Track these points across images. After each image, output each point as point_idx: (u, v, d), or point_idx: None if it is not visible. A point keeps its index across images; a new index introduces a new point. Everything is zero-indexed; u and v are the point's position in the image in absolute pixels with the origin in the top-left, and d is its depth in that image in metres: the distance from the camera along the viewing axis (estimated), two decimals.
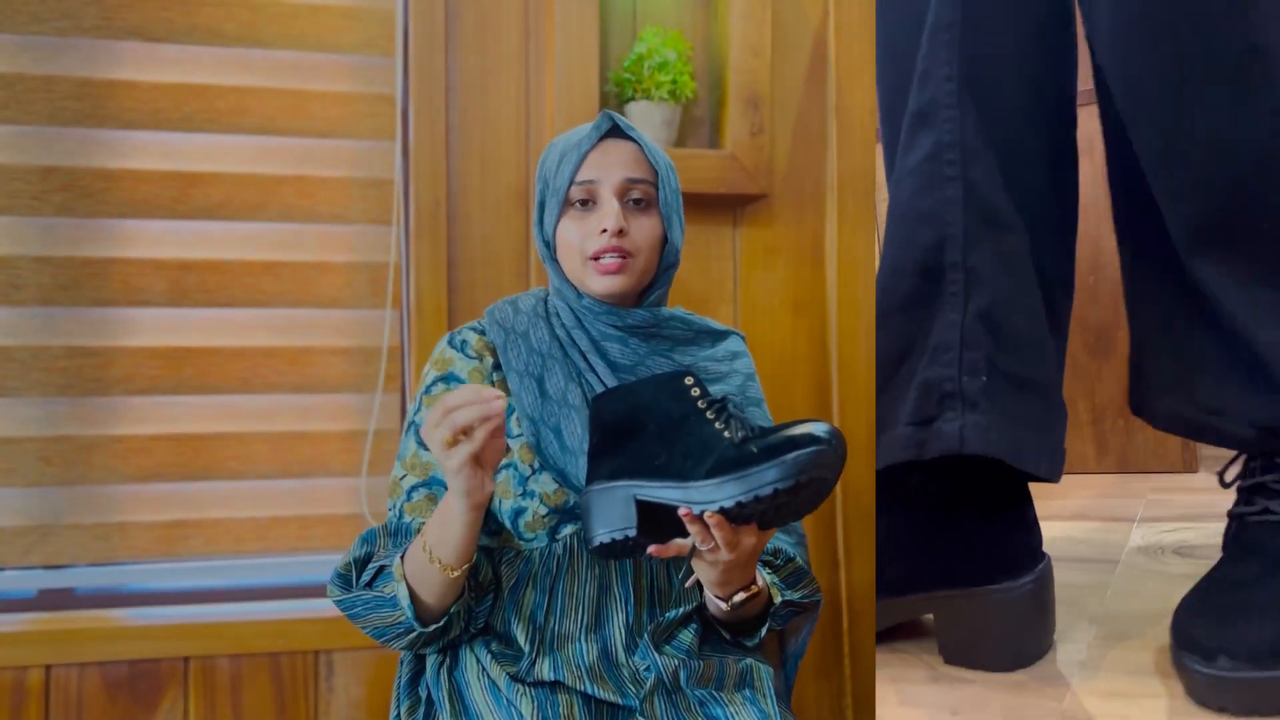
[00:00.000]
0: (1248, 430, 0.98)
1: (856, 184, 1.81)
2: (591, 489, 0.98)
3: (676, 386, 0.99)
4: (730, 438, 0.94)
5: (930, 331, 1.07)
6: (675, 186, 1.16)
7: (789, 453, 0.90)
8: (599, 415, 1.01)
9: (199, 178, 1.60)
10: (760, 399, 1.23)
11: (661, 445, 0.96)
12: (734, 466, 0.91)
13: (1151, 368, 1.06)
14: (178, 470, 1.59)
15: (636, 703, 1.05)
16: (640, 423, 0.98)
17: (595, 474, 0.99)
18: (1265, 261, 0.93)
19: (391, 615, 1.04)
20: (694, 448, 0.95)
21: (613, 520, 0.96)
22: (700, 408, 0.97)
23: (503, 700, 1.06)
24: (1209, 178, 0.91)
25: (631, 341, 1.14)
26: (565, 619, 1.10)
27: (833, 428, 0.94)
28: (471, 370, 1.14)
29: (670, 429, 0.97)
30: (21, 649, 1.49)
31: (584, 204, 1.13)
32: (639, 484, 0.95)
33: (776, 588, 1.13)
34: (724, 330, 1.23)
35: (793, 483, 0.90)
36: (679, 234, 1.17)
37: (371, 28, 1.67)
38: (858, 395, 1.81)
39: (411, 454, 1.12)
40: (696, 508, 0.92)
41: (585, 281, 1.13)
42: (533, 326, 1.15)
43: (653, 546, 0.96)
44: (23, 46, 1.55)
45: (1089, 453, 1.82)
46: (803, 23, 1.80)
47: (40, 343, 1.55)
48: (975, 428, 1.02)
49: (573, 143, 1.14)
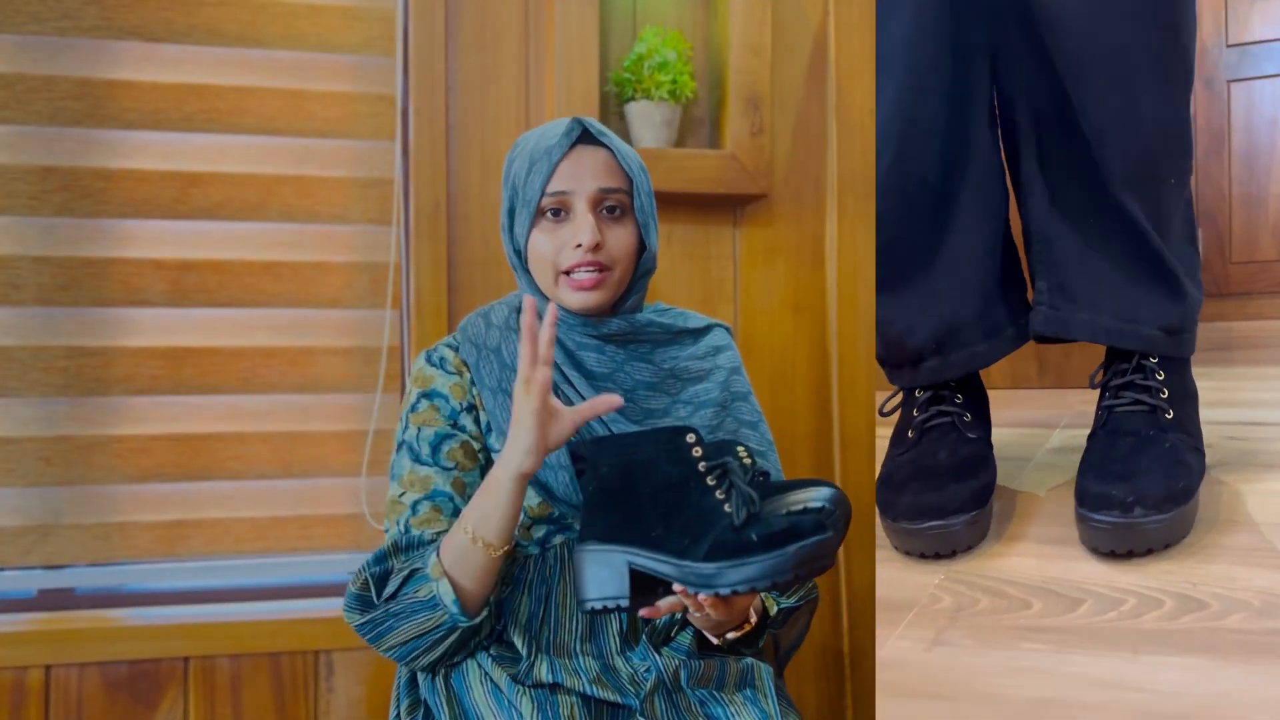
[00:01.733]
0: (1156, 332, 1.22)
1: (856, 184, 1.81)
2: (585, 549, 0.96)
3: (676, 445, 0.97)
4: (731, 513, 0.92)
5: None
6: (649, 190, 1.14)
7: (790, 544, 0.89)
8: (595, 464, 0.99)
9: (199, 178, 1.60)
10: (747, 391, 1.22)
11: (658, 514, 0.95)
12: (732, 553, 0.90)
13: (1077, 288, 1.24)
14: (178, 470, 1.59)
15: (637, 703, 1.05)
16: (637, 483, 0.97)
17: (589, 531, 0.97)
18: (1170, 204, 1.21)
19: (430, 619, 1.03)
20: (692, 523, 0.93)
21: (606, 588, 0.95)
22: (700, 471, 0.95)
23: (504, 701, 1.06)
24: (1142, 141, 1.16)
25: (608, 349, 1.13)
26: (560, 629, 1.10)
27: (837, 496, 0.94)
28: (453, 385, 1.13)
29: (668, 496, 0.95)
30: (21, 649, 1.49)
31: (556, 214, 1.10)
32: (634, 552, 0.94)
33: (772, 597, 1.13)
34: (705, 325, 1.21)
35: (791, 576, 0.89)
36: (655, 239, 1.14)
37: (371, 28, 1.67)
38: (858, 395, 1.81)
39: (408, 471, 1.11)
40: (692, 589, 0.92)
41: (559, 295, 1.11)
42: (504, 341, 1.13)
43: (644, 610, 0.95)
44: (23, 46, 1.55)
45: (1032, 371, 2.05)
46: (803, 23, 1.80)
47: (40, 343, 1.55)
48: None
49: (542, 149, 1.10)
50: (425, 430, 1.11)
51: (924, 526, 1.17)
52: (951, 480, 1.21)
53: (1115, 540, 1.09)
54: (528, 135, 1.15)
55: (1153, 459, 1.15)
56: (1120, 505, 1.09)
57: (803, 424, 1.79)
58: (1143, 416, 1.22)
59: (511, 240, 1.15)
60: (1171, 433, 1.19)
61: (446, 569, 1.02)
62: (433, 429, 1.11)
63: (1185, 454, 1.16)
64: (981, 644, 0.99)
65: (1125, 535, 1.09)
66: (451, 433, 1.11)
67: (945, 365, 1.30)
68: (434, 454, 1.10)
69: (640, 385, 1.13)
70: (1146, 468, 1.13)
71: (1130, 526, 1.08)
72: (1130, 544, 1.09)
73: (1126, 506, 1.08)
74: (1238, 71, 3.26)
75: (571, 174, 1.09)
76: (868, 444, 1.80)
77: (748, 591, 0.90)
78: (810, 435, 1.79)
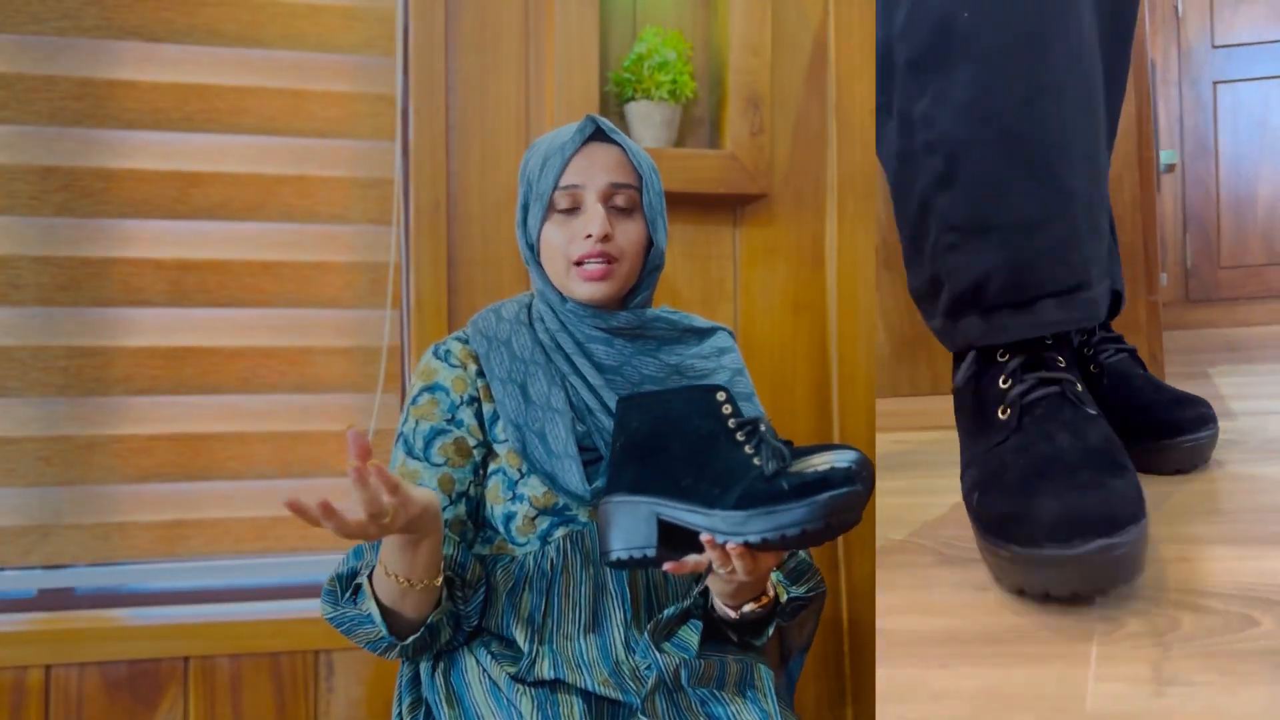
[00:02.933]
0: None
1: (856, 184, 1.82)
2: (612, 500, 0.96)
3: (708, 402, 0.96)
4: (760, 466, 0.91)
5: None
6: (659, 189, 1.17)
7: (821, 493, 0.88)
8: (625, 421, 0.98)
9: (199, 178, 1.60)
10: (750, 393, 1.23)
11: (689, 465, 0.94)
12: (763, 501, 0.89)
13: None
14: (178, 470, 1.59)
15: (638, 701, 1.05)
16: (667, 436, 0.96)
17: (616, 483, 0.96)
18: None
19: (373, 630, 1.05)
20: (722, 473, 0.92)
21: (632, 538, 0.94)
22: (731, 428, 0.95)
23: (503, 700, 1.07)
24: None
25: (617, 342, 1.15)
26: (564, 620, 1.11)
27: (862, 457, 0.92)
28: (455, 378, 1.15)
29: (699, 448, 0.94)
30: (21, 649, 1.49)
31: (568, 209, 1.13)
32: (662, 503, 0.93)
33: (782, 585, 1.13)
34: (710, 327, 1.24)
35: (822, 524, 0.88)
36: (663, 237, 1.17)
37: (371, 28, 1.67)
38: (858, 395, 1.81)
39: (399, 464, 1.13)
40: (720, 537, 0.90)
41: (569, 286, 1.14)
42: (515, 334, 1.16)
43: (668, 563, 0.94)
44: (23, 46, 1.55)
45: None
46: (803, 23, 1.81)
47: (40, 343, 1.55)
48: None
49: (556, 146, 1.14)
50: (422, 424, 1.14)
51: (1090, 549, 0.82)
52: (1109, 474, 0.88)
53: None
54: (543, 136, 1.19)
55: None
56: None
57: (803, 424, 1.79)
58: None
59: (525, 234, 1.17)
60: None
61: (376, 591, 1.04)
62: (429, 423, 1.13)
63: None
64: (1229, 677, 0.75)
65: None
66: (446, 428, 1.13)
67: (1083, 303, 1.02)
68: (426, 448, 1.12)
69: (647, 380, 1.14)
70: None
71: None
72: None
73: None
74: (1224, 73, 3.27)
75: (583, 168, 1.13)
76: (868, 444, 1.81)
77: (777, 540, 0.89)
78: (810, 435, 1.79)
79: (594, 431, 1.11)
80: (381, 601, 1.04)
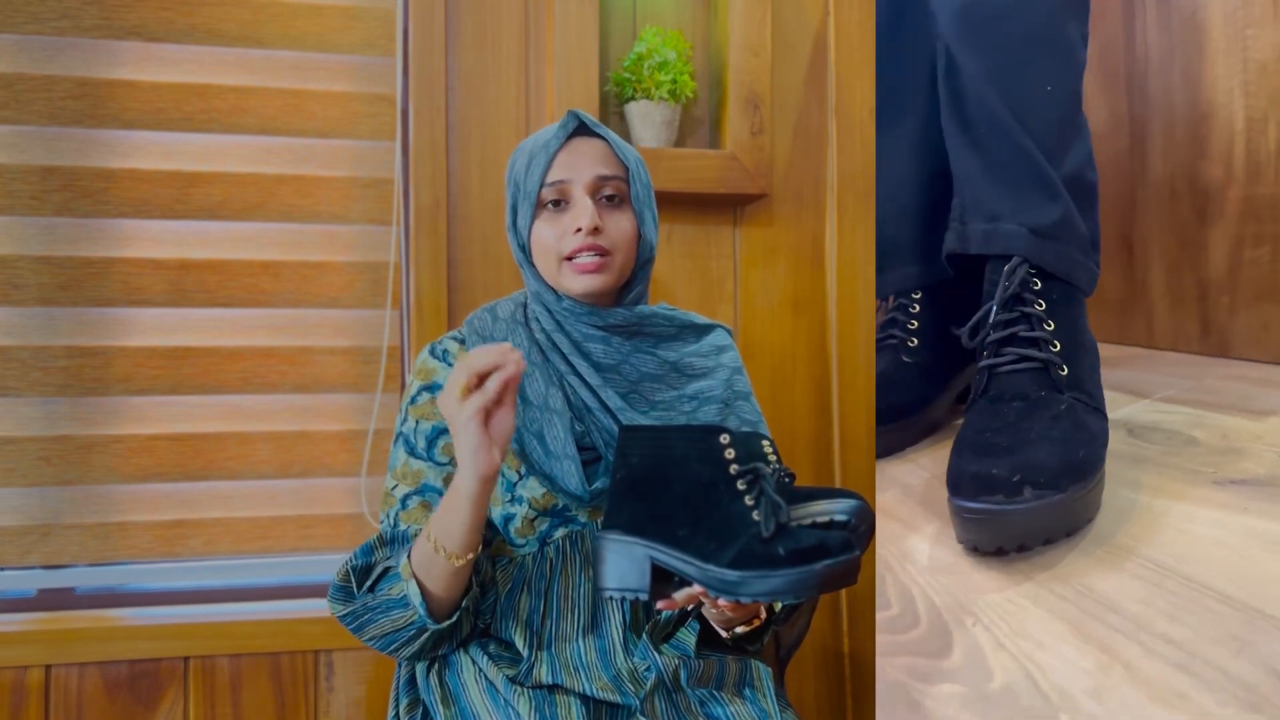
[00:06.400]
0: (1018, 228, 1.13)
1: (856, 184, 1.81)
2: (608, 538, 0.96)
3: (709, 445, 0.96)
4: (759, 522, 0.91)
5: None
6: (646, 181, 1.16)
7: (817, 561, 0.87)
8: (626, 453, 0.98)
9: (199, 178, 1.60)
10: (748, 392, 1.22)
11: (686, 514, 0.94)
12: (759, 564, 0.89)
13: (977, 203, 1.18)
14: (178, 470, 1.59)
15: (636, 702, 1.05)
16: (668, 478, 0.96)
17: (614, 520, 0.96)
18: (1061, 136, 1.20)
19: (402, 616, 1.04)
20: (720, 525, 0.92)
21: (626, 579, 0.94)
22: (731, 475, 0.95)
23: (500, 701, 1.06)
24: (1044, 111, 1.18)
25: (614, 340, 1.14)
26: (562, 621, 1.10)
27: (862, 508, 0.92)
28: None
29: (697, 496, 0.94)
30: (21, 649, 1.49)
31: (556, 205, 1.13)
32: (657, 548, 0.94)
33: None
34: (708, 324, 1.23)
35: (816, 591, 0.88)
36: (653, 229, 1.17)
37: (371, 28, 1.67)
38: (857, 395, 1.81)
39: (402, 464, 1.12)
40: (713, 593, 0.91)
41: (563, 282, 1.13)
42: (511, 334, 1.15)
43: (661, 601, 0.95)
44: (23, 46, 1.55)
45: (1193, 331, 1.65)
46: (803, 23, 1.81)
47: (40, 343, 1.55)
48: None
49: (540, 144, 1.14)
50: (423, 424, 1.13)
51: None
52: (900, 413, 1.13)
53: (996, 533, 0.90)
54: (527, 138, 1.19)
55: (1045, 425, 0.97)
56: (1004, 487, 0.89)
57: (803, 424, 1.79)
58: (1031, 375, 1.05)
59: (516, 235, 1.17)
60: (1067, 392, 1.02)
61: (415, 571, 1.03)
62: (430, 422, 1.13)
63: (1084, 416, 1.00)
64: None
65: (1009, 525, 0.89)
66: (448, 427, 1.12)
67: (882, 282, 1.40)
68: (429, 448, 1.12)
69: (646, 377, 1.14)
70: (1036, 436, 0.96)
71: (1017, 514, 0.88)
72: (1021, 537, 0.90)
73: (1012, 488, 0.89)
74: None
75: (569, 163, 1.12)
76: (868, 444, 1.80)
77: (769, 602, 0.89)
78: (810, 435, 1.79)
79: (593, 431, 1.11)
80: (420, 581, 1.03)
